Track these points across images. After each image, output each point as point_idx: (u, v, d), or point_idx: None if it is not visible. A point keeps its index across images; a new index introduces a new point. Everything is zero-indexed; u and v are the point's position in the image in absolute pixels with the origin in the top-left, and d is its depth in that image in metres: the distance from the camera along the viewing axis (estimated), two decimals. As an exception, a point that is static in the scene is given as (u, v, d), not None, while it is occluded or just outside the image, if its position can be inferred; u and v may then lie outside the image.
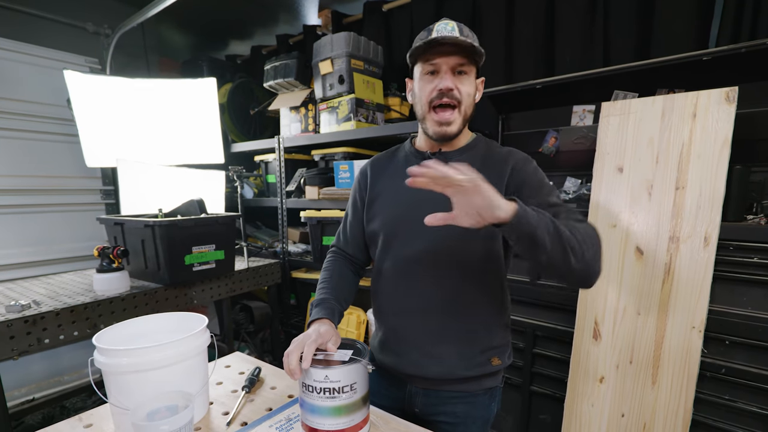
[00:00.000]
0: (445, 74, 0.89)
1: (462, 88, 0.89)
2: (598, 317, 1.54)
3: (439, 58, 0.88)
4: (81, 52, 2.74)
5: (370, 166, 1.09)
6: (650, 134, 1.49)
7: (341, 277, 1.07)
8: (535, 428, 1.82)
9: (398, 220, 0.98)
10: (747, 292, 1.36)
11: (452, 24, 0.89)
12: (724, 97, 1.37)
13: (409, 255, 0.96)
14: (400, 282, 0.98)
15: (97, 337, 0.86)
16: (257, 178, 2.99)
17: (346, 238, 1.12)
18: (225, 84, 3.18)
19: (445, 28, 0.88)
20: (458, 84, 0.89)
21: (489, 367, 0.97)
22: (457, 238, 0.90)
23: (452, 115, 0.90)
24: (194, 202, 2.06)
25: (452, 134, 0.92)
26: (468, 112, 0.92)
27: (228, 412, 0.95)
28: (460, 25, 0.89)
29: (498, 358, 0.99)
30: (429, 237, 0.92)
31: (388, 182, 1.03)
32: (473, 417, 0.99)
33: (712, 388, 1.41)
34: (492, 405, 1.03)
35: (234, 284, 2.20)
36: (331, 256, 1.13)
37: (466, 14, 2.48)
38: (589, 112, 2.05)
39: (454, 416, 0.99)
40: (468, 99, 0.91)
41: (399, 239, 0.97)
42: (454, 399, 0.98)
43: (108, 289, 1.71)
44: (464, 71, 0.89)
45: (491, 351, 0.98)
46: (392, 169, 1.04)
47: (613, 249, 1.53)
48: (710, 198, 1.36)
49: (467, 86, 0.90)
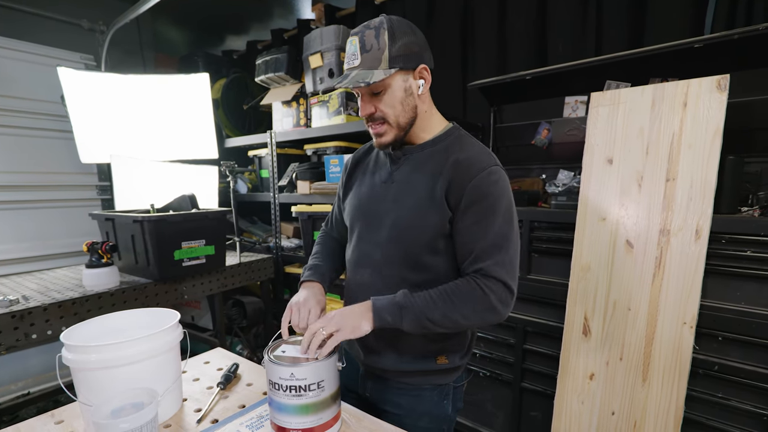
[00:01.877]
0: (362, 99, 0.93)
1: (381, 106, 0.91)
2: (587, 313, 1.51)
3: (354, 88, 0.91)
4: (76, 49, 2.75)
5: (351, 159, 1.13)
6: (640, 124, 1.45)
7: (332, 250, 1.15)
8: (526, 425, 1.79)
9: (359, 214, 1.02)
10: (740, 286, 1.32)
11: (354, 42, 0.89)
12: (716, 85, 1.32)
13: (364, 248, 1.00)
14: (355, 274, 1.02)
15: (66, 334, 0.86)
16: (251, 173, 2.99)
17: (332, 223, 1.21)
18: (220, 79, 3.17)
19: (350, 50, 0.90)
20: (377, 104, 0.91)
21: (433, 364, 0.97)
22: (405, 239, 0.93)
23: (382, 128, 0.93)
24: (186, 197, 2.06)
25: (387, 143, 0.94)
26: (401, 119, 0.92)
27: (201, 408, 0.94)
28: (363, 38, 0.87)
29: (446, 357, 0.98)
30: (380, 235, 0.95)
31: (360, 176, 1.06)
32: (419, 412, 0.99)
33: (704, 386, 1.37)
34: (444, 403, 1.00)
35: (226, 279, 2.20)
36: (321, 236, 1.21)
37: (458, 6, 2.43)
38: (582, 103, 2.00)
39: (399, 407, 0.99)
40: (394, 109, 0.91)
41: (357, 232, 1.02)
42: (399, 390, 0.99)
43: (97, 284, 1.72)
44: (380, 90, 0.90)
45: (438, 350, 0.97)
46: (366, 164, 1.08)
47: (602, 243, 1.50)
48: (701, 189, 1.32)
49: (387, 99, 0.90)
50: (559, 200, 1.72)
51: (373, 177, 1.01)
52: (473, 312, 0.85)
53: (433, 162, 0.93)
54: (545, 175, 2.12)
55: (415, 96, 0.92)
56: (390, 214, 0.94)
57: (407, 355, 0.97)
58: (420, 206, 0.91)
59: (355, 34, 0.89)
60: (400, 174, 0.96)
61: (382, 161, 1.02)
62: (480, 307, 0.85)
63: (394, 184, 0.96)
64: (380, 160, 1.03)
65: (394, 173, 0.96)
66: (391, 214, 0.94)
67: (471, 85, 2.17)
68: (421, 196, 0.91)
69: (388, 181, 0.97)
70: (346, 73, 0.91)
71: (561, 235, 1.65)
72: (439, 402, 1.00)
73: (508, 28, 2.29)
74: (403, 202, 0.93)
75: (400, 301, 0.86)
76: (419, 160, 0.94)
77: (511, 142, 2.28)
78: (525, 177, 2.22)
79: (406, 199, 0.93)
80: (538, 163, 2.19)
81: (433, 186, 0.90)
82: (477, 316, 0.85)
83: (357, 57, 0.88)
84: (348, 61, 0.90)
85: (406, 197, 0.93)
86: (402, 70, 0.88)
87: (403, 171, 0.95)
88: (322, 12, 2.92)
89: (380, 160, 1.03)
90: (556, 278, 1.67)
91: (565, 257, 1.60)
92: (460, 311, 0.84)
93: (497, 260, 0.85)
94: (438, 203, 0.89)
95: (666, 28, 1.82)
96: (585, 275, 1.53)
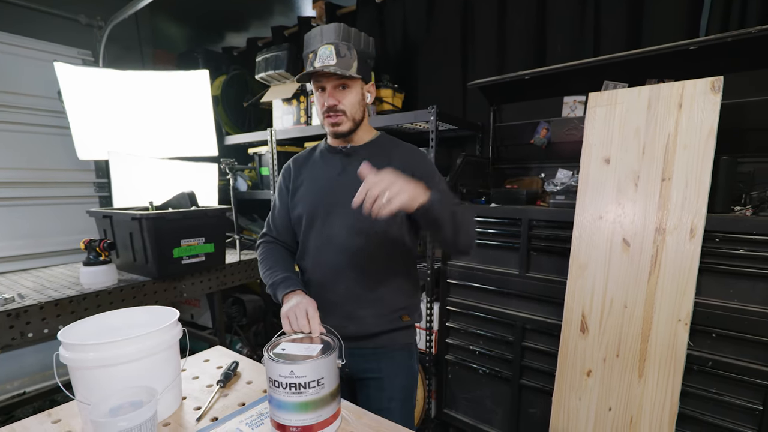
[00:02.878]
0: (328, 93, 1.08)
1: (344, 100, 1.09)
2: (585, 310, 1.53)
3: (323, 79, 1.08)
4: (74, 44, 2.73)
5: (292, 162, 1.26)
6: (636, 125, 1.46)
7: (286, 260, 1.22)
8: (524, 421, 1.81)
9: (318, 203, 1.15)
10: (733, 284, 1.33)
11: (330, 48, 1.05)
12: (710, 86, 1.33)
13: (328, 232, 1.13)
14: (320, 256, 1.15)
15: (63, 333, 0.86)
16: (251, 170, 2.99)
17: (276, 226, 1.27)
18: (220, 76, 3.16)
19: (324, 53, 1.05)
20: (341, 98, 1.08)
21: (399, 323, 1.17)
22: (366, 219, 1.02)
23: (340, 119, 1.10)
24: (185, 194, 2.06)
25: (343, 132, 1.12)
26: (356, 115, 1.12)
27: (200, 407, 0.95)
28: (338, 47, 1.05)
29: (408, 315, 1.19)
30: (343, 218, 1.11)
31: (309, 173, 1.21)
32: (395, 371, 1.18)
33: (699, 382, 1.39)
34: (412, 362, 1.22)
35: (225, 277, 2.20)
36: (265, 245, 1.27)
37: (457, 6, 2.43)
38: (580, 103, 2.01)
39: (378, 371, 1.17)
40: (353, 107, 1.10)
41: (319, 219, 1.15)
42: (376, 356, 1.17)
43: (94, 282, 1.72)
44: (346, 85, 1.08)
45: (401, 311, 1.18)
46: (311, 163, 1.22)
47: (600, 241, 1.51)
48: (696, 189, 1.33)
49: (350, 97, 1.09)
50: (557, 199, 1.73)
51: (325, 172, 1.17)
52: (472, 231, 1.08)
53: (380, 156, 1.12)
54: (544, 174, 2.13)
55: (364, 102, 1.14)
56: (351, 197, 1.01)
57: (381, 318, 1.15)
58: None
59: (330, 44, 1.06)
60: (352, 166, 1.09)
61: (328, 159, 1.19)
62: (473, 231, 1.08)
63: (348, 174, 1.12)
64: (326, 159, 1.19)
65: (347, 167, 1.13)
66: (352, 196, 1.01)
67: (471, 84, 2.18)
68: None
69: (342, 173, 1.14)
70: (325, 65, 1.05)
71: (559, 233, 1.66)
72: (408, 360, 1.21)
73: (507, 26, 2.29)
74: None
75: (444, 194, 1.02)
76: (367, 155, 1.12)
77: (510, 141, 2.29)
78: (524, 176, 2.23)
79: None
80: (537, 162, 2.20)
81: None
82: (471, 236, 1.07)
83: (333, 59, 1.05)
84: (323, 60, 1.05)
85: None
86: (362, 80, 1.11)
87: (355, 163, 1.09)
88: (323, 10, 2.91)
89: (326, 158, 1.20)
90: (554, 276, 1.68)
91: (564, 255, 1.61)
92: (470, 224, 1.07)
93: None
94: None
95: (663, 29, 1.83)
96: (583, 273, 1.54)
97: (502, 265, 1.84)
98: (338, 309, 1.13)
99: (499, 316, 1.84)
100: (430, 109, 1.94)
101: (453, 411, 2.07)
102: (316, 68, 1.05)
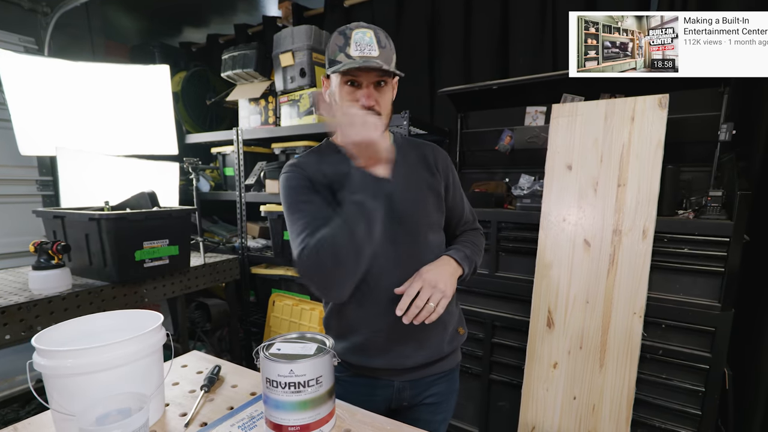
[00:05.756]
0: (366, 90, 0.90)
1: (382, 100, 0.92)
2: (551, 306, 1.63)
3: (360, 73, 0.89)
4: (14, 30, 2.49)
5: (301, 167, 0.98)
6: (595, 135, 1.59)
7: None
8: (494, 414, 1.89)
9: None
10: (679, 279, 1.49)
11: (370, 34, 0.88)
12: (657, 103, 1.49)
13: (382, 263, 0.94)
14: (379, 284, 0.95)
15: (37, 338, 0.80)
16: (214, 170, 2.88)
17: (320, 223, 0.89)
18: (179, 72, 3.03)
19: (363, 38, 0.88)
20: (379, 97, 0.92)
21: (458, 337, 1.08)
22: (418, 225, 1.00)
23: None
24: (145, 194, 1.95)
25: None
26: (387, 118, 0.95)
27: (186, 413, 0.91)
28: (377, 34, 0.89)
29: (462, 327, 1.11)
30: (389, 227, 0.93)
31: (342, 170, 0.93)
32: (451, 391, 1.10)
33: (651, 369, 1.53)
34: (457, 376, 1.13)
35: (189, 281, 2.11)
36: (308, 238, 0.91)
37: (426, 15, 2.51)
38: (541, 113, 2.15)
39: (438, 395, 1.06)
40: (387, 107, 0.95)
41: None
42: (439, 380, 1.06)
43: (46, 287, 1.59)
44: (384, 81, 0.92)
45: (458, 321, 1.09)
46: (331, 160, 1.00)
47: (563, 242, 1.63)
48: (647, 194, 1.48)
49: (387, 95, 0.94)
50: (524, 202, 1.83)
51: None
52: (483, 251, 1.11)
53: (406, 155, 1.03)
54: (508, 179, 2.25)
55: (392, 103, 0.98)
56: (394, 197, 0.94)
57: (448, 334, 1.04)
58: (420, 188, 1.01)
59: (367, 27, 0.90)
60: None
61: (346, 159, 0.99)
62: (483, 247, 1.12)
63: None
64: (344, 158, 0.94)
65: None
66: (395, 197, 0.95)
67: (441, 91, 2.25)
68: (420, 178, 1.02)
69: None
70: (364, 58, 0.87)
71: (526, 234, 1.76)
72: (457, 377, 1.12)
73: (473, 37, 2.40)
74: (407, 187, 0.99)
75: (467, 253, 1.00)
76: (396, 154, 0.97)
77: (477, 147, 2.39)
78: (490, 180, 2.33)
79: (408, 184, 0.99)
80: (502, 167, 2.32)
81: (424, 171, 1.03)
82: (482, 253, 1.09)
83: (374, 48, 0.88)
84: (362, 49, 0.88)
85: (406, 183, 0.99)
86: None
87: None
88: (289, 11, 2.88)
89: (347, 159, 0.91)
90: (521, 275, 1.78)
91: (530, 255, 1.71)
92: (482, 253, 1.09)
93: (476, 217, 1.17)
94: (434, 184, 1.03)
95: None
96: (548, 272, 1.65)
97: (472, 265, 1.92)
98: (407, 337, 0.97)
99: (469, 315, 1.91)
100: (403, 114, 1.98)
101: (424, 409, 2.11)
102: (356, 60, 0.86)
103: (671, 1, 1.87)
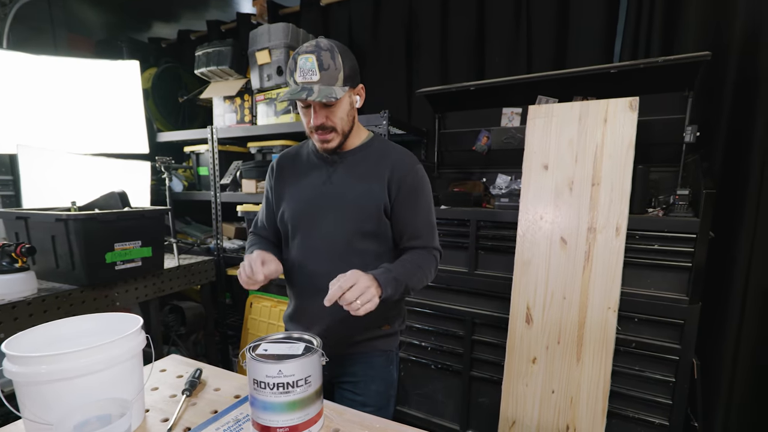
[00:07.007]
0: (314, 111, 1.01)
1: (333, 117, 1.02)
2: (530, 303, 1.67)
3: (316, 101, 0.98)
4: (-34, 21, 2.34)
5: (277, 163, 1.21)
6: (570, 136, 1.65)
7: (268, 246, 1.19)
8: (475, 410, 1.92)
9: (301, 214, 1.12)
10: (650, 275, 1.56)
11: (312, 59, 0.96)
12: (628, 105, 1.56)
13: (310, 244, 1.11)
14: (303, 266, 1.13)
15: (7, 344, 0.75)
16: (187, 170, 2.79)
17: (263, 224, 1.26)
18: (149, 68, 2.92)
19: (305, 64, 0.97)
20: (329, 115, 1.02)
21: (379, 331, 1.16)
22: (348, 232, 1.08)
23: (329, 135, 1.04)
24: (115, 194, 1.87)
25: (333, 148, 1.07)
26: (346, 128, 1.06)
27: (168, 418, 0.88)
28: (320, 58, 0.96)
29: (389, 324, 1.17)
30: (325, 230, 1.09)
31: (292, 180, 1.16)
32: (371, 376, 1.16)
33: (625, 361, 1.60)
34: (390, 368, 1.20)
35: (163, 283, 2.03)
36: (253, 235, 1.27)
37: (402, 16, 2.53)
38: (517, 114, 2.21)
39: (354, 375, 1.16)
40: (342, 120, 1.04)
41: (302, 230, 1.12)
42: (352, 359, 1.16)
43: (9, 292, 1.49)
44: (332, 104, 1.01)
45: (383, 320, 1.15)
46: (298, 167, 1.17)
47: (541, 239, 1.67)
48: (620, 193, 1.54)
49: (339, 112, 1.03)
50: (502, 201, 1.88)
51: (309, 179, 1.13)
52: (431, 274, 1.11)
53: (367, 162, 1.10)
54: (485, 179, 2.29)
55: (354, 109, 1.08)
56: (335, 206, 1.08)
57: (358, 327, 1.11)
58: (361, 197, 1.07)
59: (310, 52, 0.97)
60: (337, 174, 1.10)
61: (313, 164, 1.14)
62: (434, 269, 1.12)
63: (333, 183, 1.10)
64: (311, 164, 1.15)
65: (332, 175, 1.10)
66: (336, 205, 1.08)
67: (419, 92, 2.27)
68: (363, 189, 1.07)
69: (327, 181, 1.11)
70: (304, 86, 0.97)
71: (504, 233, 1.80)
72: (386, 367, 1.18)
73: (449, 38, 2.43)
74: (346, 195, 1.08)
75: (396, 275, 0.99)
76: (354, 162, 1.10)
77: (454, 147, 2.43)
78: (467, 180, 2.37)
79: (348, 193, 1.08)
80: (479, 167, 2.36)
81: (372, 180, 1.07)
82: (431, 276, 1.12)
83: (315, 73, 0.96)
84: (304, 75, 0.97)
85: (348, 191, 1.08)
86: (350, 88, 1.03)
87: (340, 171, 1.10)
88: (264, 8, 2.83)
89: (311, 163, 1.15)
90: (500, 273, 1.82)
91: (509, 253, 1.75)
92: (426, 275, 1.08)
93: (433, 236, 1.14)
94: (377, 193, 1.07)
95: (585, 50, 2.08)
96: (527, 269, 1.69)
97: (452, 263, 1.94)
98: (321, 319, 1.11)
99: (449, 313, 1.94)
100: (382, 114, 1.99)
101: (406, 408, 2.12)
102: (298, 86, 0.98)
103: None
